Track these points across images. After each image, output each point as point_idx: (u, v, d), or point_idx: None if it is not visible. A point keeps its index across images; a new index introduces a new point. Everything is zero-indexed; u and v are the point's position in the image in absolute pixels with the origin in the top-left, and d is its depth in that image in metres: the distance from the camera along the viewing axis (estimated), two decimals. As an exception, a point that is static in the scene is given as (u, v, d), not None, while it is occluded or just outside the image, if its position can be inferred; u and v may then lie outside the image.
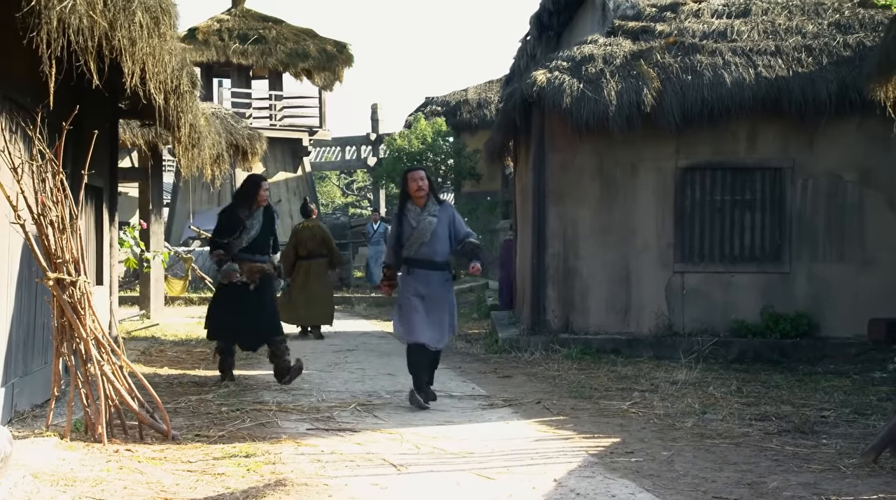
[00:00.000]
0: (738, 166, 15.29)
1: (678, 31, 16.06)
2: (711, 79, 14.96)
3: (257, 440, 8.54)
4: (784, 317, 14.88)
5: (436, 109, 42.93)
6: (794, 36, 15.72)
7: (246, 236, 11.82)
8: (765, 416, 10.05)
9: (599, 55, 15.67)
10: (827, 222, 15.11)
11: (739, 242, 15.34)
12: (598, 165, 15.36)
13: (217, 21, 36.11)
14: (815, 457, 8.26)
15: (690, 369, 13.19)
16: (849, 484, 7.39)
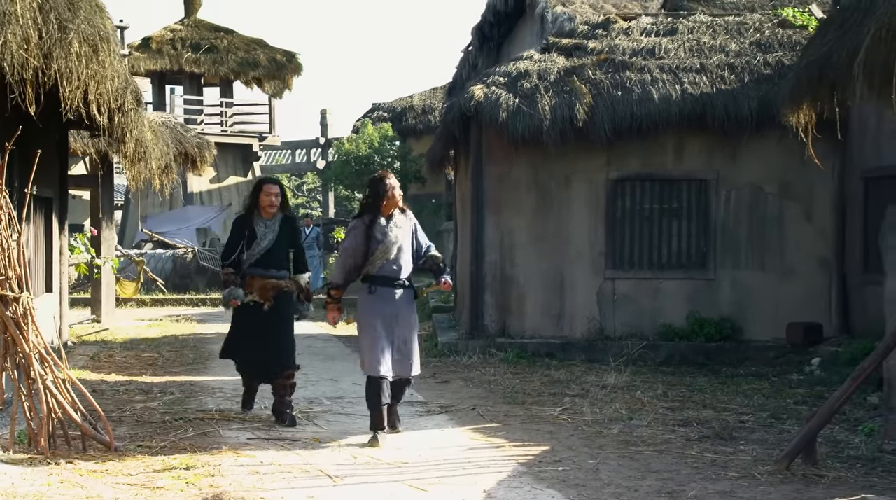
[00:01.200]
0: (666, 178, 15.33)
1: (609, 49, 16.07)
2: (640, 95, 14.98)
3: (198, 450, 8.39)
4: (709, 321, 14.96)
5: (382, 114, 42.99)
6: (718, 54, 15.79)
7: (257, 248, 9.80)
8: (687, 421, 10.04)
9: (534, 71, 15.65)
10: (749, 232, 15.20)
11: (667, 251, 15.39)
12: (534, 177, 15.33)
13: (171, 31, 35.98)
14: (733, 464, 8.26)
15: (620, 372, 13.21)
16: (762, 492, 7.42)
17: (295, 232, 10.21)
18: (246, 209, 10.12)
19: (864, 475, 7.94)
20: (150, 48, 35.02)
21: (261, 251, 9.80)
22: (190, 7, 37.01)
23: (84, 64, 8.78)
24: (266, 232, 9.85)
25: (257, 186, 10.08)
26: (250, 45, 36.17)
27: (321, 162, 45.76)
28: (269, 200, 9.84)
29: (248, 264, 9.84)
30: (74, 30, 8.66)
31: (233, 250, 9.90)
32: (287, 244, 10.04)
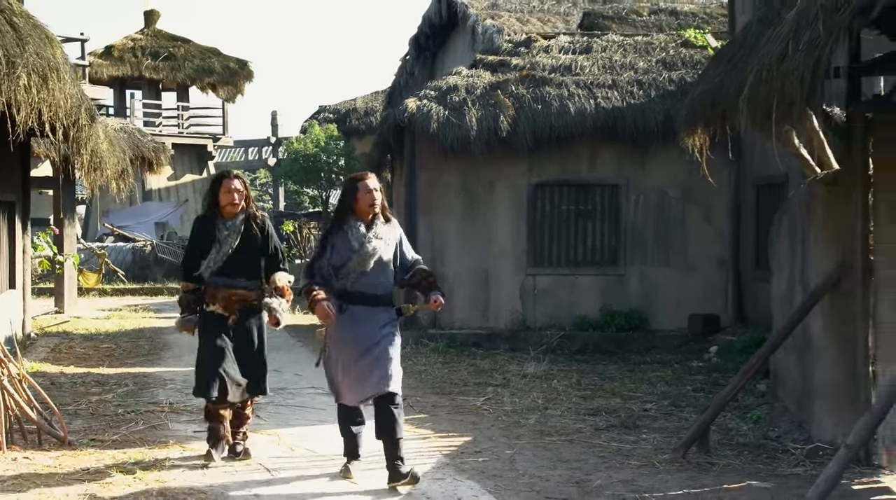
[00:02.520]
0: (582, 183, 15.40)
1: (530, 65, 16.10)
2: (558, 108, 15.04)
3: (147, 443, 8.29)
4: (619, 313, 15.08)
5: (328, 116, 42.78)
6: (628, 71, 15.89)
7: (218, 253, 7.55)
8: (597, 410, 10.04)
9: (462, 85, 15.65)
10: (655, 233, 15.32)
11: (582, 249, 15.46)
12: (462, 182, 15.32)
13: (131, 40, 35.64)
14: (636, 452, 8.30)
15: (539, 361, 13.24)
16: (661, 480, 7.47)
17: (264, 232, 7.76)
18: (205, 210, 7.84)
19: (750, 461, 8.02)
20: (112, 56, 34.73)
21: (222, 257, 7.58)
22: (149, 18, 36.78)
23: (34, 93, 8.76)
24: (227, 234, 7.57)
25: (216, 181, 7.68)
26: (205, 54, 35.90)
27: (272, 159, 45.48)
28: (229, 198, 7.53)
29: (210, 272, 7.63)
30: (22, 64, 8.69)
31: (192, 259, 7.78)
32: (255, 248, 7.72)
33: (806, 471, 7.64)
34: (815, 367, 8.54)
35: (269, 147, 46.01)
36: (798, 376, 8.95)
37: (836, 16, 5.84)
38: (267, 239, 7.76)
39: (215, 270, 7.64)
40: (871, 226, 7.79)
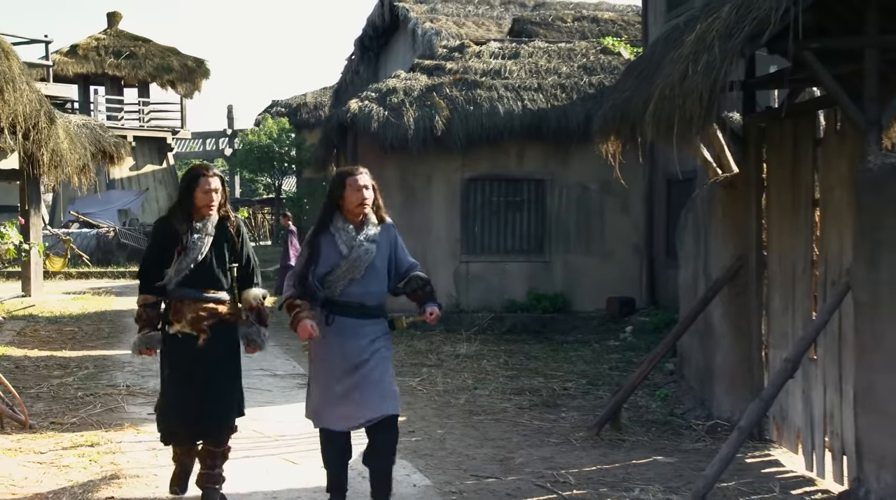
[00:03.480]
0: (510, 178, 15.47)
1: (463, 69, 16.12)
2: (489, 109, 15.08)
3: (104, 426, 8.23)
4: (545, 296, 15.20)
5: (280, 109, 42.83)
6: (552, 76, 15.95)
7: (186, 260, 5.91)
8: (521, 390, 10.09)
9: (401, 88, 15.62)
10: (577, 223, 15.46)
11: (511, 238, 15.55)
12: (401, 177, 15.30)
13: (95, 39, 35.17)
14: (555, 430, 8.36)
15: (471, 342, 13.29)
16: (577, 456, 7.52)
17: (240, 237, 6.15)
18: (171, 210, 6.12)
19: (657, 437, 8.12)
20: (77, 54, 34.28)
21: (190, 264, 5.89)
22: (112, 19, 36.29)
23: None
24: (197, 238, 5.91)
25: (192, 179, 5.94)
26: (165, 53, 35.52)
27: (228, 150, 45.30)
28: (207, 200, 5.89)
29: (176, 282, 5.93)
30: None
31: (154, 267, 5.99)
32: (228, 254, 6.07)
33: (706, 446, 7.78)
34: (715, 351, 8.68)
35: (226, 138, 45.79)
36: (701, 358, 9.08)
37: (729, 41, 5.93)
38: (241, 246, 6.11)
39: (181, 280, 5.90)
40: (763, 225, 7.94)
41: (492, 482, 6.85)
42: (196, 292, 5.93)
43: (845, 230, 6.45)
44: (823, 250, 6.90)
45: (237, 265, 6.07)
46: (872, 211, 5.91)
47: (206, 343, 5.93)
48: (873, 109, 6.24)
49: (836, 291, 6.51)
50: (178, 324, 5.94)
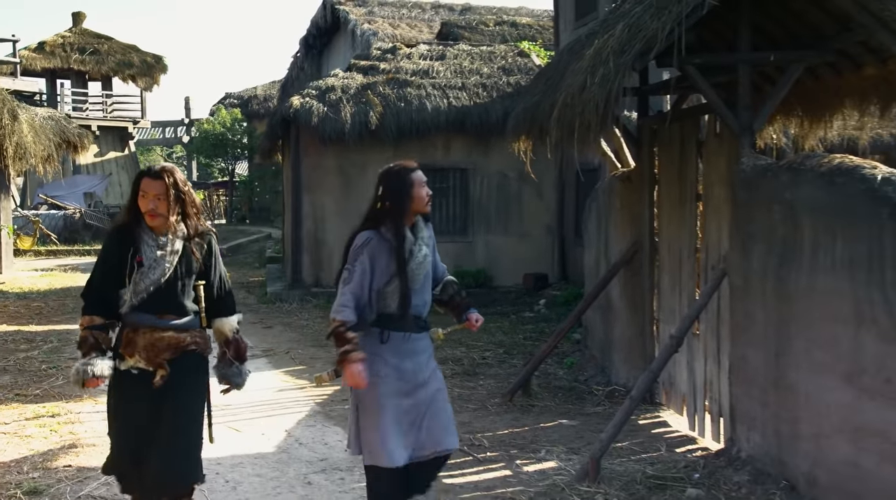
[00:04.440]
0: (438, 167, 15.37)
1: (395, 69, 16.03)
2: (418, 106, 15.03)
3: (65, 398, 8.12)
4: (469, 273, 15.19)
5: (233, 101, 42.57)
6: (475, 76, 15.94)
7: (145, 280, 4.41)
8: (446, 360, 9.97)
9: (339, 86, 15.50)
10: (497, 207, 15.49)
11: (439, 220, 15.46)
12: (339, 166, 15.20)
13: (61, 37, 34.40)
14: (473, 397, 8.39)
15: (402, 315, 13.30)
16: (491, 421, 7.55)
17: (212, 255, 4.61)
18: (124, 218, 4.54)
19: (563, 402, 8.18)
20: (45, 50, 33.55)
21: (150, 286, 4.38)
22: (77, 18, 35.50)
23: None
24: (159, 255, 4.41)
25: (135, 181, 4.50)
26: (126, 50, 34.85)
27: (186, 137, 44.68)
28: (146, 206, 4.38)
29: (130, 306, 4.40)
30: None
31: (101, 286, 4.44)
32: (193, 274, 4.53)
33: (605, 409, 7.88)
34: (614, 324, 8.80)
35: (183, 127, 45.18)
36: (602, 330, 9.20)
37: (622, 56, 5.97)
38: (213, 265, 4.57)
39: (137, 303, 4.36)
40: (655, 215, 8.05)
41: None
42: (154, 318, 4.38)
43: (723, 222, 6.56)
44: (705, 239, 7.02)
45: (203, 283, 4.51)
46: (745, 207, 6.03)
47: (166, 382, 4.35)
48: (746, 116, 6.34)
49: (714, 275, 6.64)
50: (130, 358, 4.34)
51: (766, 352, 5.75)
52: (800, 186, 5.40)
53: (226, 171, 39.80)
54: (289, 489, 5.87)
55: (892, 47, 5.82)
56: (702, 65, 6.49)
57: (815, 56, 6.48)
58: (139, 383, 4.40)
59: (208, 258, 4.57)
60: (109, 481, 5.71)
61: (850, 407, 4.92)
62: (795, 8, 6.47)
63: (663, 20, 5.80)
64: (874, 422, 4.73)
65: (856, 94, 6.95)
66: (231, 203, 39.64)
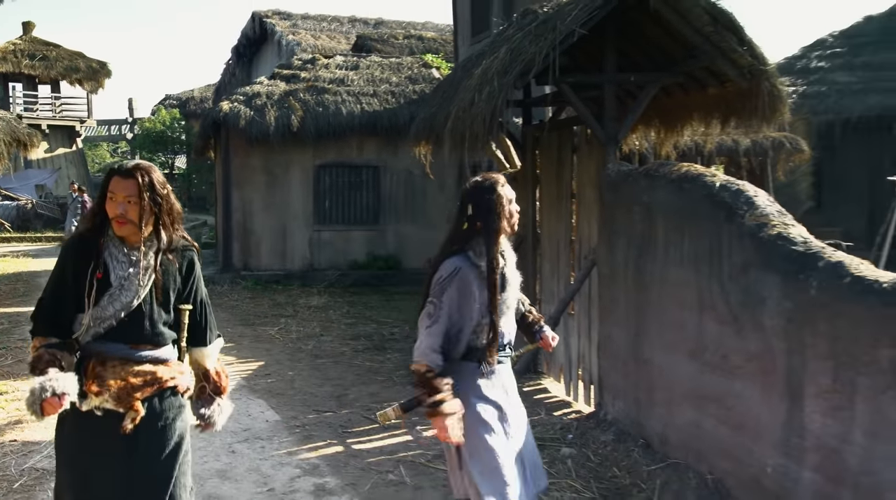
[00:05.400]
0: (352, 165, 15.29)
1: (314, 78, 15.78)
2: (334, 110, 14.84)
3: (13, 376, 7.82)
4: (380, 257, 15.16)
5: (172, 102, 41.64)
6: (385, 84, 15.80)
7: (114, 304, 2.99)
8: (358, 336, 10.02)
9: (264, 92, 15.20)
10: (405, 199, 15.39)
11: (354, 212, 15.39)
12: (265, 165, 14.91)
13: (12, 44, 32.94)
14: (382, 370, 8.36)
15: (321, 295, 13.19)
16: (396, 391, 7.51)
17: (192, 273, 3.26)
18: (89, 222, 3.14)
19: None
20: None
21: (121, 310, 3.05)
22: (27, 27, 33.99)
23: None
24: (131, 273, 3.07)
25: (105, 181, 3.11)
26: (73, 56, 33.53)
27: (129, 134, 43.47)
28: (117, 210, 3.04)
29: (94, 334, 3.05)
30: None
31: (57, 306, 3.08)
32: (173, 294, 3.19)
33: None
34: (503, 305, 8.84)
35: (127, 125, 44.02)
36: (493, 309, 9.23)
37: (505, 76, 5.98)
38: (193, 285, 3.27)
39: (103, 331, 3.07)
40: (538, 210, 8.12)
41: (329, 415, 6.82)
42: (126, 348, 3.07)
43: (592, 219, 6.65)
44: (578, 232, 7.11)
45: (189, 308, 3.22)
46: (610, 207, 6.12)
47: (138, 430, 3.06)
48: (612, 128, 6.43)
49: (586, 264, 6.73)
50: (95, 396, 3.00)
51: (628, 331, 5.86)
52: (655, 191, 5.50)
53: (166, 164, 38.88)
54: (214, 457, 5.76)
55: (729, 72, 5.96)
56: (574, 83, 6.55)
57: (667, 77, 6.60)
58: (103, 429, 3.04)
59: (188, 278, 3.23)
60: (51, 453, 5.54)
61: (694, 379, 5.05)
62: (652, 37, 6.58)
63: (540, 45, 5.83)
64: (713, 391, 4.87)
65: (702, 109, 7.11)
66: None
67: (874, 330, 3.74)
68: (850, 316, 3.88)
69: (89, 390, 3.00)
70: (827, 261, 4.14)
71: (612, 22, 6.25)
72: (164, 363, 3.16)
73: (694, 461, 5.06)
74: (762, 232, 4.53)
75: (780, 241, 4.42)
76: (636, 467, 5.41)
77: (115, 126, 44.77)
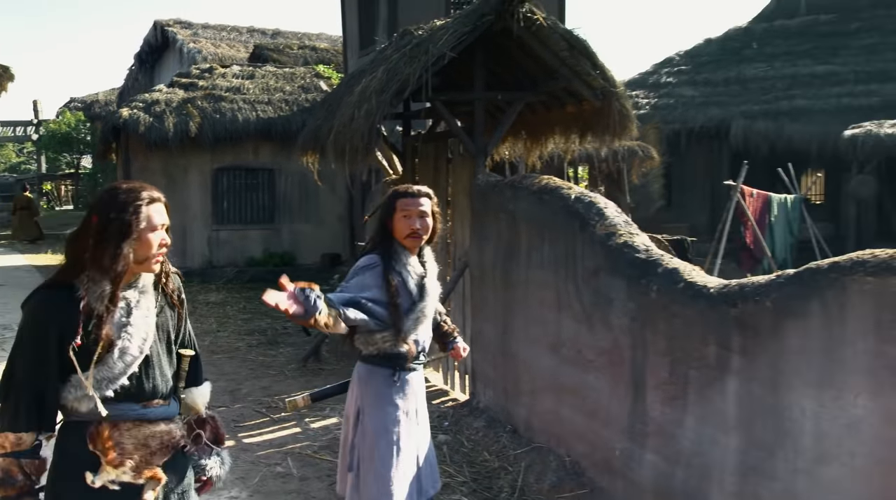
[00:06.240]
0: (249, 168, 14.86)
1: (212, 86, 15.22)
2: (231, 117, 14.37)
3: None
4: (276, 254, 14.82)
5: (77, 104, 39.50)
6: (279, 92, 15.41)
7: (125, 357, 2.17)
8: (253, 331, 9.73)
9: (163, 99, 14.58)
10: (299, 200, 15.06)
11: (251, 212, 14.97)
12: (164, 168, 14.29)
13: None
14: (274, 364, 8.15)
15: (219, 291, 12.79)
16: (288, 384, 7.36)
17: (183, 306, 2.57)
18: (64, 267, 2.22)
19: (348, 365, 7.85)
20: None
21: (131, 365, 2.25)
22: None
23: None
24: (138, 317, 2.25)
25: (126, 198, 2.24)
26: (-27, 59, 31.43)
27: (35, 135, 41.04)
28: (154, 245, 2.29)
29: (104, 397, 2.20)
30: None
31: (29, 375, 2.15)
32: (173, 335, 2.49)
33: (380, 369, 7.85)
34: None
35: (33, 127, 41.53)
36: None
37: (382, 95, 5.89)
38: (185, 320, 2.65)
39: (120, 391, 2.27)
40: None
41: (222, 410, 6.57)
42: (139, 407, 2.34)
43: (465, 224, 6.65)
44: (454, 236, 7.10)
45: (191, 353, 2.62)
46: (480, 214, 6.12)
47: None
48: (481, 142, 6.43)
49: (460, 265, 6.73)
50: (115, 468, 2.27)
51: (497, 327, 5.88)
52: (519, 201, 5.53)
53: (72, 164, 37.05)
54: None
55: (584, 93, 6.05)
56: (447, 100, 6.52)
57: (531, 96, 6.65)
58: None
59: (182, 311, 2.59)
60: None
61: (554, 371, 5.10)
62: (518, 60, 6.61)
63: (414, 67, 5.77)
64: (570, 382, 4.94)
65: (562, 124, 7.20)
66: (77, 192, 36.94)
67: (703, 330, 3.85)
68: (684, 317, 3.98)
69: (108, 462, 2.24)
70: (665, 267, 4.24)
71: (481, 45, 6.25)
72: (173, 419, 2.45)
73: (555, 444, 5.12)
74: (610, 240, 4.61)
75: (625, 248, 4.51)
76: (504, 451, 5.44)
77: (20, 128, 42.20)
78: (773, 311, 3.46)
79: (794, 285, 3.40)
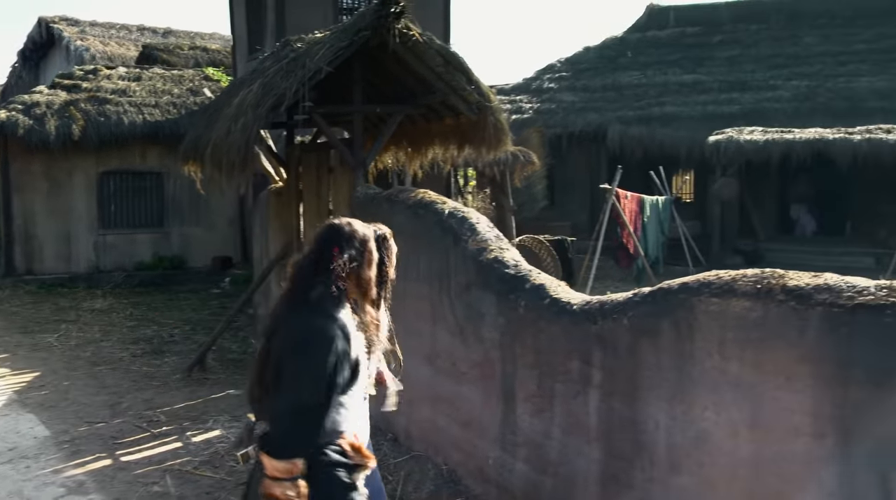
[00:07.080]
0: (136, 171, 14.16)
1: (97, 88, 14.42)
2: (117, 120, 13.66)
3: None
4: (166, 258, 14.21)
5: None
6: (167, 95, 14.75)
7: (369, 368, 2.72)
8: (138, 340, 9.20)
9: (44, 101, 13.69)
10: (189, 203, 14.44)
11: (139, 215, 14.28)
12: (47, 171, 13.46)
13: None
14: (158, 375, 7.72)
15: (106, 298, 12.11)
16: (171, 396, 6.98)
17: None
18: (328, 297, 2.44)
19: (234, 374, 7.68)
20: None
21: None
22: None
23: None
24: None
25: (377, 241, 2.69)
26: None
27: None
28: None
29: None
30: None
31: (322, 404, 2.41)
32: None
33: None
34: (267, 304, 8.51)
35: None
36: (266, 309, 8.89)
37: (258, 109, 5.68)
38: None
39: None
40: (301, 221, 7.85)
41: (101, 426, 6.20)
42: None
43: (347, 235, 6.49)
44: (336, 245, 6.92)
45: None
46: (360, 226, 5.99)
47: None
48: (360, 154, 6.30)
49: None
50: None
51: (377, 337, 5.76)
52: (395, 214, 5.43)
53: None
54: (-27, 485, 5.05)
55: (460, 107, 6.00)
56: (326, 113, 6.35)
57: (409, 109, 6.56)
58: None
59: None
60: None
61: (431, 381, 5.04)
62: (396, 74, 6.50)
63: (291, 81, 5.58)
64: (445, 393, 4.88)
65: (442, 136, 7.15)
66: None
67: (567, 345, 3.86)
68: (550, 332, 3.98)
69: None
70: (532, 283, 4.23)
71: (359, 60, 6.10)
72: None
73: (433, 453, 5.06)
74: (482, 256, 4.58)
75: (495, 264, 4.48)
76: (385, 460, 5.33)
77: None
78: (629, 328, 3.49)
79: (648, 304, 3.44)
